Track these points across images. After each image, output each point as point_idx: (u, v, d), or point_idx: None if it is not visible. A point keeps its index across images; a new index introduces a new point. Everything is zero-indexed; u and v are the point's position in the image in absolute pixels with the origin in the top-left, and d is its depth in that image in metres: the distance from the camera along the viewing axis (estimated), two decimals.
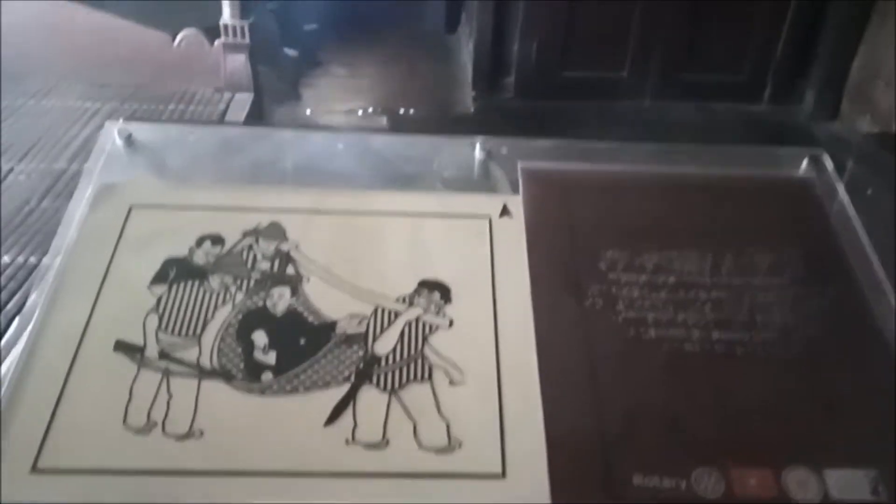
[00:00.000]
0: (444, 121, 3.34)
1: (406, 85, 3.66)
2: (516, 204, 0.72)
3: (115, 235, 0.66)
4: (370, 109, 3.37)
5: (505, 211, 0.71)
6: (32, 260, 1.44)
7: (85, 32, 2.11)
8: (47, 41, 2.08)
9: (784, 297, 0.68)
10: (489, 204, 0.72)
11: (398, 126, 3.26)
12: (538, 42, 3.36)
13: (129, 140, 0.72)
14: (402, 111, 3.37)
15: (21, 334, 0.60)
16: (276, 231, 0.67)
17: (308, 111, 3.30)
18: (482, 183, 0.75)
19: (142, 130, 0.72)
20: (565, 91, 3.47)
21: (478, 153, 0.77)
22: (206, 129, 0.77)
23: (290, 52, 3.44)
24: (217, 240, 0.66)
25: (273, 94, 2.74)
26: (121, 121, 0.72)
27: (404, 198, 0.72)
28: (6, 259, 1.44)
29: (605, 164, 0.77)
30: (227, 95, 2.17)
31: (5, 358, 0.59)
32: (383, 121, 3.28)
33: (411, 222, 0.70)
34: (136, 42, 2.15)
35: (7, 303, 1.36)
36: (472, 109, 3.42)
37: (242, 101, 2.16)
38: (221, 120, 2.05)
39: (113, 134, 0.72)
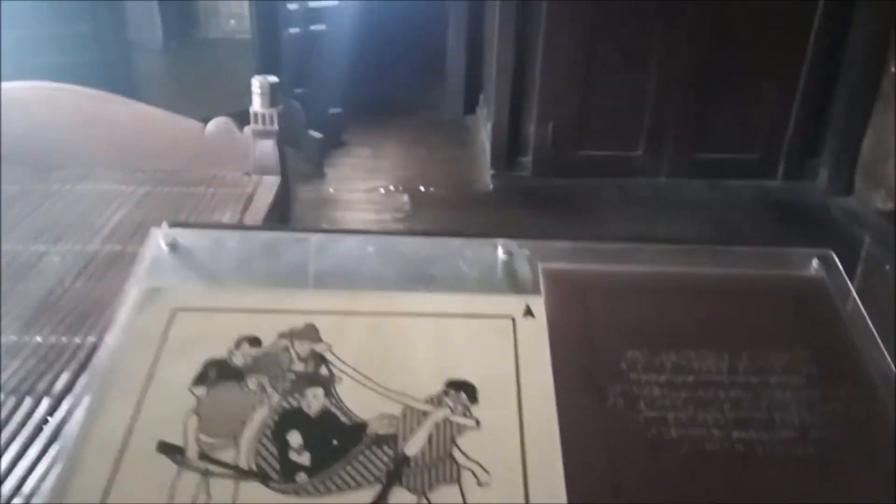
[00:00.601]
0: (463, 198, 3.42)
1: (426, 164, 3.77)
2: (538, 304, 0.75)
3: (159, 338, 0.70)
4: (391, 188, 3.46)
5: (528, 311, 0.74)
6: (64, 340, 1.48)
7: (121, 122, 2.20)
8: (85, 131, 2.18)
9: (801, 397, 0.70)
10: (512, 304, 0.75)
11: (419, 203, 3.34)
12: (554, 123, 3.47)
13: (173, 245, 0.76)
14: (422, 189, 3.46)
15: (67, 433, 0.63)
16: (310, 332, 0.71)
17: (331, 189, 3.40)
18: (505, 283, 0.79)
19: (185, 235, 0.77)
20: (581, 169, 3.56)
21: (500, 254, 0.81)
22: (245, 234, 0.82)
23: (316, 134, 3.57)
24: (254, 341, 0.70)
25: (298, 174, 2.83)
26: (165, 225, 0.77)
27: (430, 299, 0.75)
28: (38, 339, 1.48)
29: (624, 264, 0.80)
30: (254, 178, 2.24)
31: (53, 455, 0.62)
32: (405, 198, 3.37)
33: (438, 323, 0.73)
34: (169, 130, 2.24)
35: (38, 382, 1.39)
36: (490, 188, 3.51)
37: (270, 184, 2.22)
38: (248, 202, 2.11)
39: (158, 239, 0.77)
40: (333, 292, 0.74)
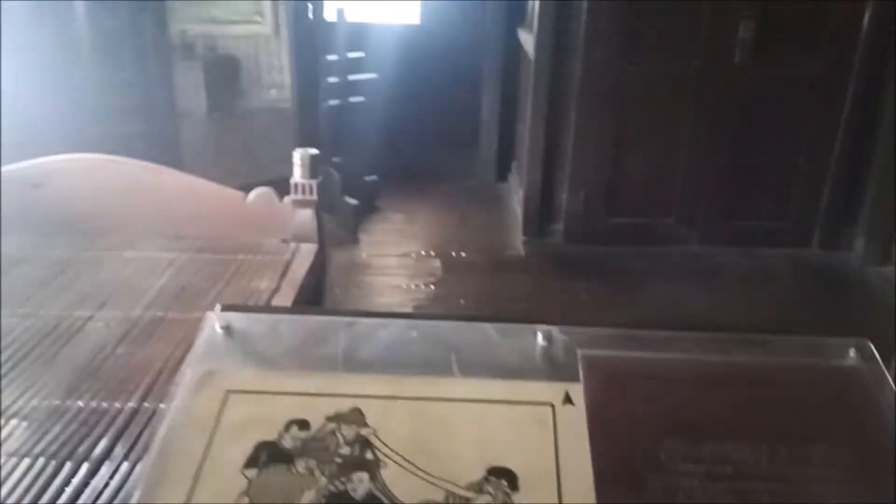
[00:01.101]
0: (494, 264, 3.46)
1: (458, 230, 3.83)
2: (578, 392, 0.76)
3: (213, 419, 0.73)
4: (423, 253, 3.51)
5: (567, 399, 0.76)
6: (104, 405, 1.51)
7: (167, 191, 2.29)
8: (132, 200, 2.27)
9: (839, 490, 0.70)
10: (552, 392, 0.77)
11: (451, 268, 3.38)
12: (585, 190, 3.52)
13: (227, 328, 0.80)
14: (454, 255, 3.50)
15: None
16: (356, 417, 0.73)
17: (365, 255, 3.47)
18: (544, 370, 0.80)
19: (238, 318, 0.81)
20: (613, 237, 3.58)
21: (539, 340, 0.83)
22: (295, 318, 0.86)
23: (351, 200, 3.66)
24: (303, 424, 0.72)
25: (333, 239, 2.89)
26: (218, 308, 0.81)
27: (472, 385, 0.77)
28: (80, 404, 1.52)
29: (663, 352, 0.82)
30: (293, 246, 2.29)
31: None
32: (436, 263, 3.41)
33: (479, 409, 0.75)
34: (213, 199, 2.32)
35: (79, 447, 1.42)
36: (522, 254, 3.54)
37: (307, 252, 2.27)
38: (286, 269, 2.16)
39: (213, 322, 0.81)
40: (378, 377, 0.77)
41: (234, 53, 5.64)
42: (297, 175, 2.32)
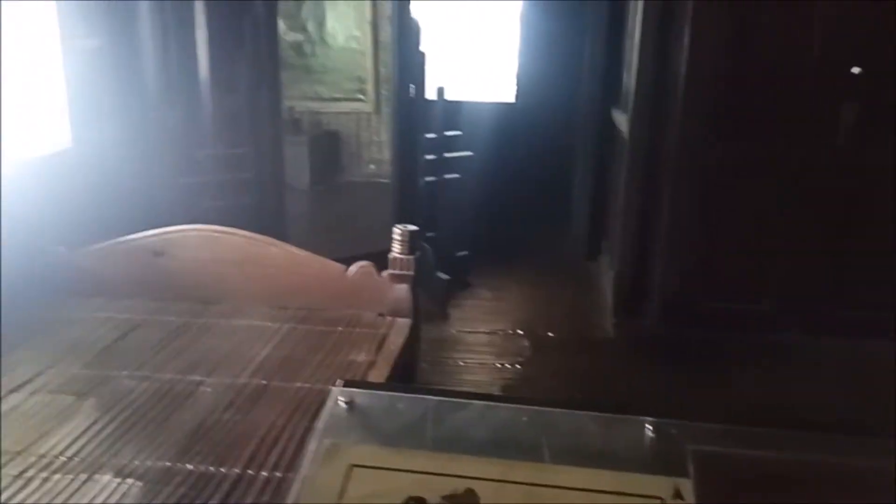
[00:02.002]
0: (584, 345, 3.42)
1: (548, 308, 3.82)
2: (687, 488, 0.76)
3: (338, 493, 0.76)
4: (511, 331, 3.52)
5: (677, 494, 0.75)
6: (211, 469, 1.57)
7: (274, 262, 2.42)
8: (241, 270, 2.40)
9: None
10: (661, 486, 0.76)
11: (539, 347, 3.37)
12: (679, 272, 3.45)
13: (350, 403, 0.85)
14: (543, 334, 3.49)
15: None
16: (470, 498, 0.75)
17: (454, 331, 3.50)
18: (653, 462, 0.80)
19: (360, 395, 0.85)
20: (707, 321, 3.48)
21: (648, 432, 0.83)
22: (413, 398, 0.89)
23: (443, 275, 3.73)
24: (420, 502, 0.75)
25: (424, 313, 2.95)
26: (340, 383, 0.86)
27: (581, 474, 0.78)
28: (189, 467, 1.59)
29: (773, 450, 0.80)
30: (388, 320, 2.36)
31: None
32: (525, 343, 3.41)
33: (588, 499, 0.76)
34: (315, 271, 2.43)
35: None
36: (611, 335, 3.49)
37: (402, 326, 2.33)
38: (382, 343, 2.22)
39: (337, 397, 0.85)
40: (491, 460, 0.79)
41: (336, 129, 5.94)
42: (396, 250, 2.40)
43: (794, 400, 2.84)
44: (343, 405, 0.85)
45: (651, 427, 0.82)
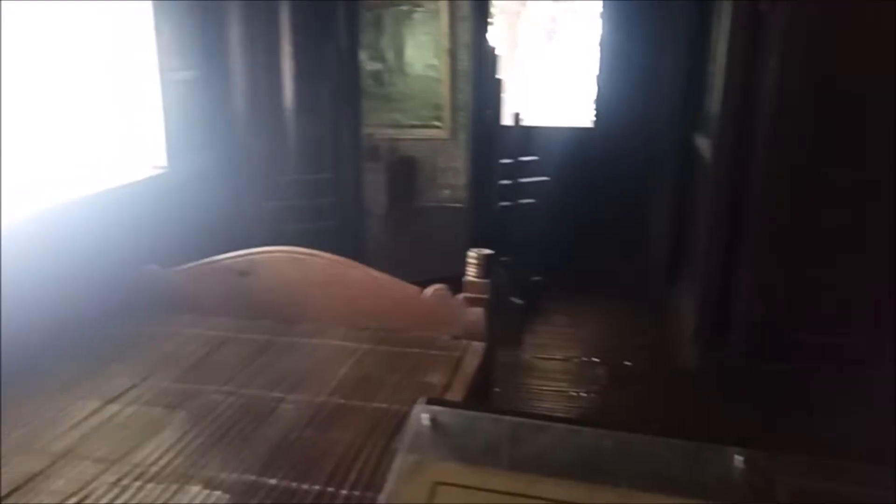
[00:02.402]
0: (662, 376, 3.34)
1: (624, 337, 3.75)
2: None
3: None
4: (586, 358, 3.47)
5: None
6: (293, 485, 1.61)
7: (353, 284, 2.48)
8: (323, 291, 2.47)
9: None
10: None
11: (616, 377, 3.31)
12: (764, 302, 3.34)
13: (434, 421, 0.86)
14: (619, 363, 3.43)
15: None
16: None
17: (527, 356, 3.49)
18: (740, 493, 0.79)
19: (443, 413, 0.87)
20: (792, 353, 3.35)
21: (736, 462, 0.81)
22: (496, 418, 0.90)
23: (517, 300, 3.73)
24: None
25: (498, 338, 2.95)
26: (423, 400, 0.88)
27: (667, 501, 0.77)
28: (272, 481, 1.63)
29: (861, 486, 0.77)
30: (463, 343, 2.37)
31: None
32: (601, 371, 3.36)
33: None
34: (393, 293, 2.47)
35: None
36: (693, 366, 3.40)
37: (476, 350, 2.34)
38: (457, 366, 2.23)
39: (421, 415, 0.87)
40: (575, 484, 0.79)
41: (413, 155, 6.03)
42: (471, 274, 2.42)
43: (883, 436, 2.70)
44: (426, 423, 0.87)
45: (740, 458, 0.81)
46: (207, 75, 3.19)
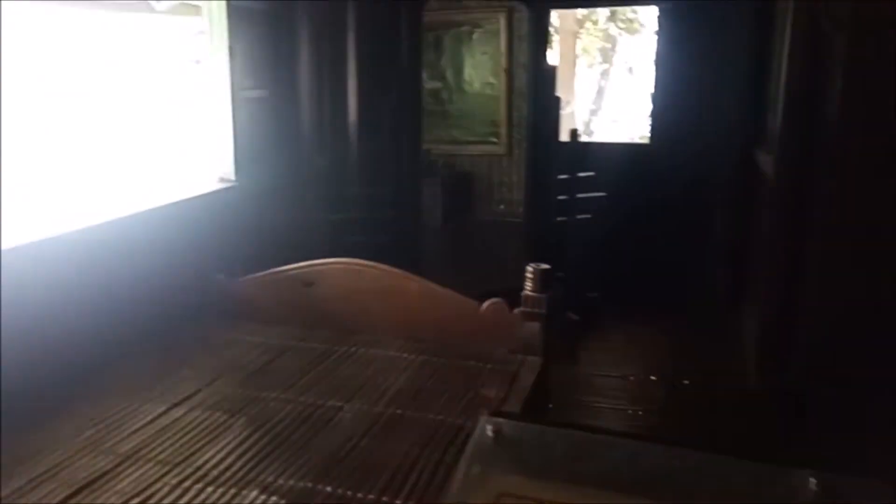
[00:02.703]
0: (724, 398, 3.25)
1: (682, 356, 3.68)
2: None
3: None
4: (644, 377, 3.41)
5: None
6: (349, 493, 1.63)
7: (411, 296, 2.51)
8: (381, 302, 2.51)
9: None
10: None
11: (675, 397, 3.24)
12: (831, 327, 3.23)
13: (497, 432, 0.87)
14: (678, 383, 3.36)
15: None
16: None
17: (582, 373, 3.45)
18: None
19: (507, 426, 0.88)
20: (865, 379, 3.22)
21: (812, 486, 0.79)
22: (559, 432, 0.91)
23: (573, 316, 3.70)
24: None
25: (553, 354, 2.93)
26: (488, 412, 0.89)
27: None
28: (328, 489, 1.66)
29: None
30: (519, 357, 2.37)
31: None
32: (659, 391, 3.30)
33: None
34: (449, 306, 2.49)
35: None
36: (753, 388, 3.30)
37: (533, 364, 2.33)
38: (513, 380, 2.23)
39: (485, 426, 0.88)
40: (641, 501, 0.78)
41: (469, 170, 6.09)
42: (528, 288, 2.42)
43: None
44: (490, 434, 0.88)
45: (815, 481, 0.79)
46: (276, 94, 3.30)
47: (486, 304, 2.45)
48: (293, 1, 3.36)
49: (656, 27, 4.93)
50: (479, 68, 6.06)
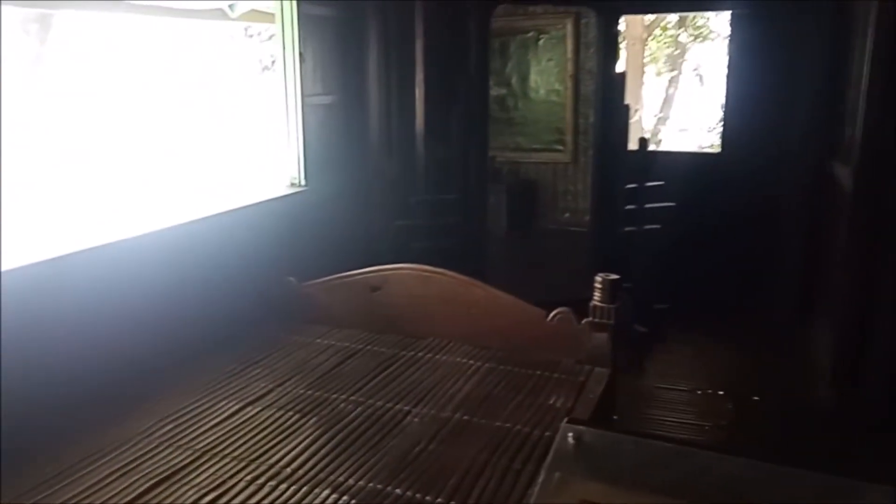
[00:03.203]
0: (795, 414, 3.14)
1: (751, 370, 3.56)
2: None
3: None
4: (712, 391, 3.32)
5: None
6: (418, 496, 1.65)
7: (477, 303, 2.52)
8: (448, 307, 2.53)
9: None
10: None
11: (744, 412, 3.15)
12: None
13: (578, 439, 0.88)
14: (747, 397, 3.26)
15: None
16: None
17: (649, 385, 3.39)
18: None
19: (588, 434, 0.88)
20: None
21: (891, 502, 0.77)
22: (638, 440, 0.90)
23: (640, 328, 3.64)
24: None
25: (620, 365, 2.89)
26: (566, 421, 0.89)
27: None
28: (398, 491, 1.68)
29: None
30: (586, 368, 2.35)
31: None
32: (728, 405, 3.21)
33: None
34: (516, 313, 2.49)
35: None
36: (828, 405, 3.19)
37: (600, 375, 2.31)
38: (580, 390, 2.21)
39: (566, 434, 0.89)
40: None
41: (533, 178, 6.06)
42: (597, 298, 2.39)
43: None
44: (571, 441, 0.88)
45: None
46: (345, 100, 3.36)
47: (553, 314, 2.44)
48: (362, 8, 3.42)
49: (728, 33, 4.83)
50: (545, 75, 6.03)
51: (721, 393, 3.33)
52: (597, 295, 2.37)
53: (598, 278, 2.36)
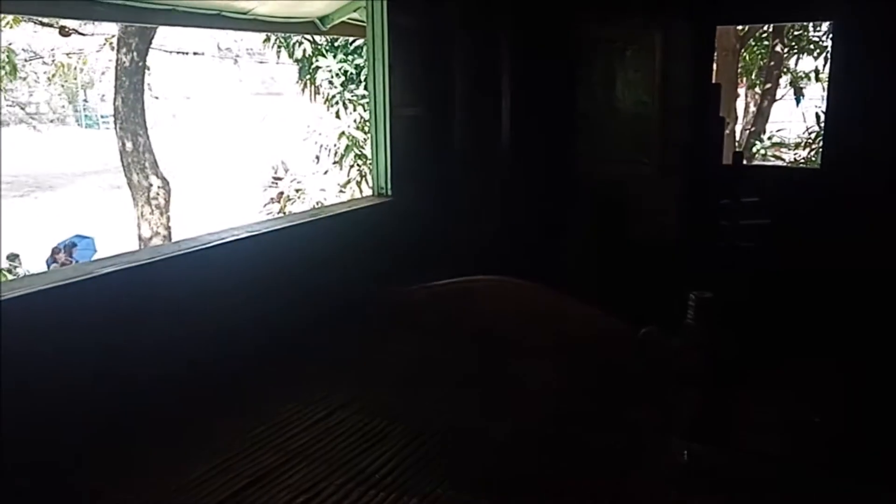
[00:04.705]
0: None
1: (852, 395, 3.36)
2: None
3: None
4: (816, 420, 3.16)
5: None
6: None
7: (564, 315, 2.49)
8: (534, 319, 2.51)
9: None
10: None
11: (841, 439, 2.97)
12: None
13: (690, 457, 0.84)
14: (837, 423, 3.08)
15: None
16: None
17: (740, 409, 3.24)
18: None
19: (700, 450, 0.84)
20: None
21: None
22: (747, 458, 0.86)
23: (734, 347, 3.50)
24: None
25: (712, 386, 2.79)
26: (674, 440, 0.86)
27: None
28: (486, 503, 1.67)
29: None
30: (678, 387, 2.28)
31: None
32: (825, 432, 3.04)
33: None
34: (603, 328, 2.45)
35: None
36: None
37: (690, 395, 2.23)
38: (671, 409, 2.15)
39: (678, 450, 0.85)
40: None
41: (620, 192, 5.94)
42: (690, 317, 2.32)
43: None
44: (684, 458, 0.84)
45: None
46: (430, 112, 3.38)
47: (642, 331, 2.38)
48: (449, 20, 3.43)
49: (829, 44, 4.62)
50: (633, 87, 5.92)
51: (817, 420, 3.17)
52: (690, 313, 2.30)
53: (692, 296, 2.29)
